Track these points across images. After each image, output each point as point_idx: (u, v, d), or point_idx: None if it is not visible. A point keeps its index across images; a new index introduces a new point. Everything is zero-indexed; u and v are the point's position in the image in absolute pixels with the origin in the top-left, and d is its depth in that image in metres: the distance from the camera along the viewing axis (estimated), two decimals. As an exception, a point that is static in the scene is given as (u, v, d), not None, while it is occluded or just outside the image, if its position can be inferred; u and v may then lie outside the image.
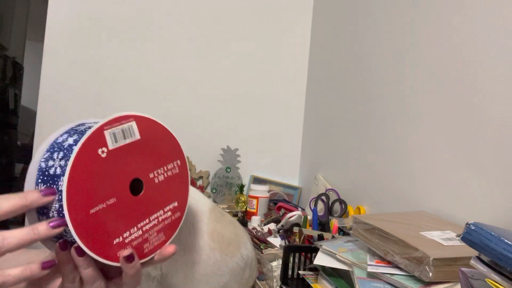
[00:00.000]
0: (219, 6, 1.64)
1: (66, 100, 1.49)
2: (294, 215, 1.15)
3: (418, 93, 1.00)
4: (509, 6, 0.76)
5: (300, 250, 0.84)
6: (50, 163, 0.46)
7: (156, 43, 1.58)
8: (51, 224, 0.43)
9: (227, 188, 1.61)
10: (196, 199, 0.81)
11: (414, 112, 1.01)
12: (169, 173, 0.54)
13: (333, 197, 1.29)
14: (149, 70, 1.57)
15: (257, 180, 1.65)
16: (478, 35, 0.83)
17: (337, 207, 1.25)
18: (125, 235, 0.48)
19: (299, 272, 0.82)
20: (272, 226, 1.23)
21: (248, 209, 1.47)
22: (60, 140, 0.49)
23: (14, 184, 3.48)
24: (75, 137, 0.48)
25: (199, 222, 0.76)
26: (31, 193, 0.43)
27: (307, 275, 0.80)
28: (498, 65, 0.77)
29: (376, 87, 1.18)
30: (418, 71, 1.00)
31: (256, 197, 1.45)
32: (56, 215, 0.44)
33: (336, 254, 0.73)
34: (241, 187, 1.58)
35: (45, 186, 0.45)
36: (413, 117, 1.01)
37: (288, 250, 0.83)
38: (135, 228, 0.49)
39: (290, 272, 0.83)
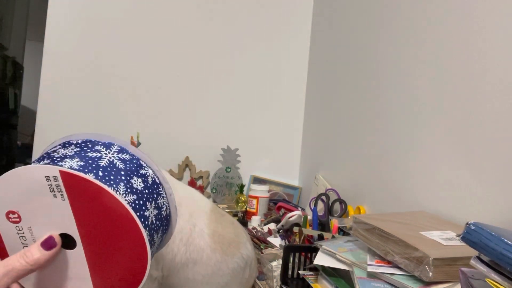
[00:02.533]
0: (219, 6, 1.64)
1: (66, 100, 1.49)
2: (294, 215, 1.15)
3: (418, 93, 1.00)
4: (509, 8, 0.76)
5: (300, 250, 0.84)
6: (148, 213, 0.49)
7: (156, 43, 1.58)
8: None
9: (227, 188, 1.61)
10: (197, 200, 0.82)
11: (414, 112, 1.01)
12: None
13: (333, 197, 1.29)
14: (149, 70, 1.57)
15: (257, 180, 1.65)
16: (479, 36, 0.83)
17: (337, 207, 1.26)
18: None
19: (299, 272, 0.82)
20: (272, 226, 1.23)
21: (248, 209, 1.47)
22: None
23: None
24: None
25: (200, 223, 0.76)
26: None
27: (307, 275, 0.80)
28: (498, 65, 0.77)
29: (377, 87, 1.19)
30: (419, 71, 1.00)
31: (256, 197, 1.45)
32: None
33: (336, 254, 0.73)
34: (241, 187, 1.58)
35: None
36: (413, 117, 1.01)
37: (288, 250, 0.83)
38: None
39: (290, 272, 0.83)
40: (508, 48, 0.75)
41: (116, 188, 0.45)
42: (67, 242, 0.47)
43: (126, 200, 0.45)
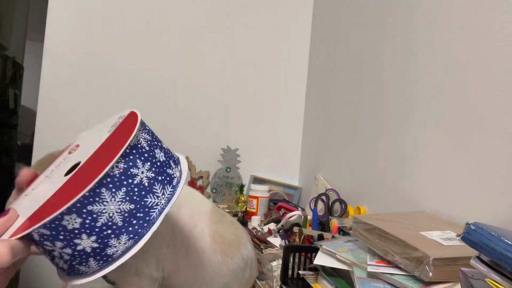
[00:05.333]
0: (218, 5, 1.64)
1: (66, 100, 1.49)
2: (294, 215, 1.15)
3: (418, 93, 1.00)
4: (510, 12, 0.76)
5: (300, 250, 0.84)
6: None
7: (156, 42, 1.58)
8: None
9: (227, 188, 1.61)
10: (197, 200, 0.82)
11: (414, 112, 1.01)
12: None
13: (333, 197, 1.29)
14: (149, 69, 1.57)
15: (257, 180, 1.65)
16: (479, 37, 0.83)
17: (337, 207, 1.26)
18: None
19: (299, 272, 0.82)
20: (272, 226, 1.23)
21: (248, 209, 1.47)
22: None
23: (14, 184, 3.47)
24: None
25: (201, 224, 0.76)
26: None
27: (307, 275, 0.80)
28: (498, 66, 0.77)
29: (377, 87, 1.19)
30: (419, 72, 1.01)
31: (256, 197, 1.45)
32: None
33: (336, 254, 0.73)
34: (241, 187, 1.58)
35: None
36: (413, 117, 1.01)
37: (288, 250, 0.83)
38: None
39: (290, 272, 0.83)
40: (508, 48, 0.75)
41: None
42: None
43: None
